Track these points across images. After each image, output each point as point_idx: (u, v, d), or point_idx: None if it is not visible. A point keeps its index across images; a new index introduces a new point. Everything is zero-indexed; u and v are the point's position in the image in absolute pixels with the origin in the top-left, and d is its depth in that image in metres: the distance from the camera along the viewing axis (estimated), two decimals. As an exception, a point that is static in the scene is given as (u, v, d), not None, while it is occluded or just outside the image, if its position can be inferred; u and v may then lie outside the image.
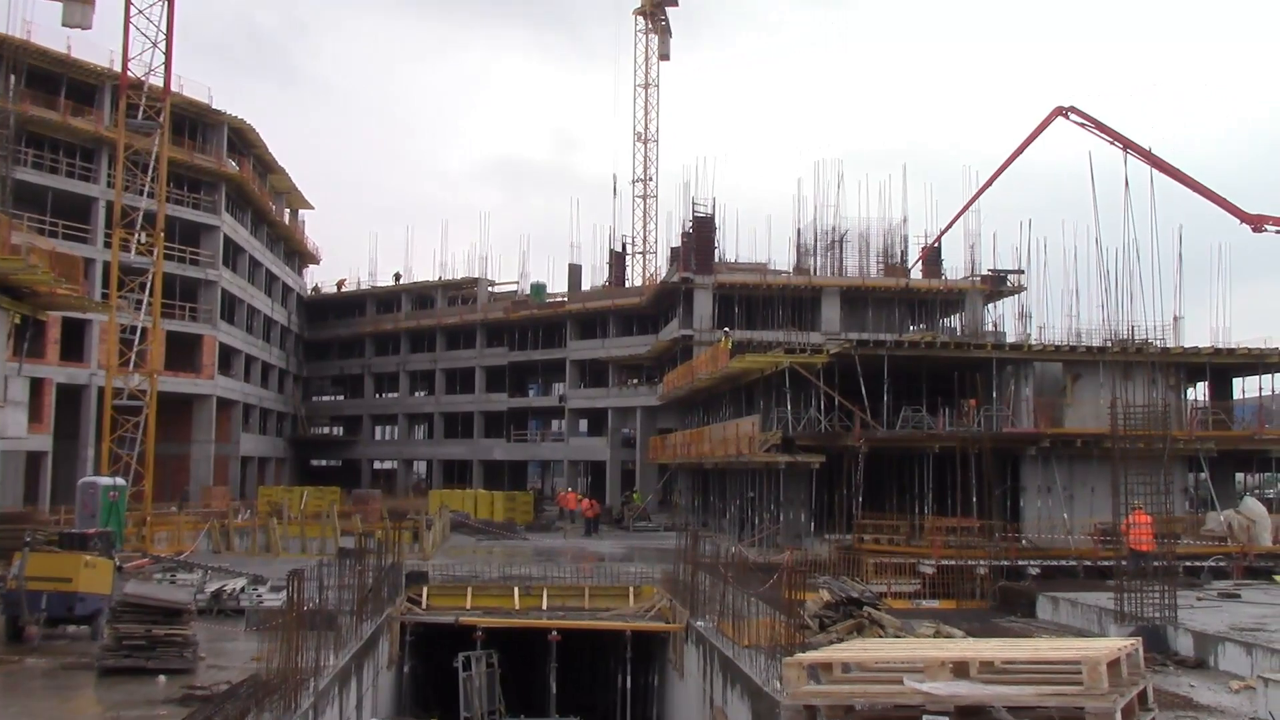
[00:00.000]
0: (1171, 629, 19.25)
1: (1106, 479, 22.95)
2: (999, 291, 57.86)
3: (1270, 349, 39.43)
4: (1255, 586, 25.99)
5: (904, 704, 8.72)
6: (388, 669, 24.47)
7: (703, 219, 56.02)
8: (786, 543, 35.19)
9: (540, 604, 28.22)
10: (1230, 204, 44.72)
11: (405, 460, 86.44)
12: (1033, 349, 40.02)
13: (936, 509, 35.61)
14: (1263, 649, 16.64)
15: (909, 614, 23.65)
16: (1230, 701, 14.93)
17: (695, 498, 55.53)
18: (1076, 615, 22.81)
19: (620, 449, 68.60)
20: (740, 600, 20.51)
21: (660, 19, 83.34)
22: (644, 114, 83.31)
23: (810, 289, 55.59)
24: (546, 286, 78.04)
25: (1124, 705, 8.44)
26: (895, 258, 59.17)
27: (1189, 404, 40.98)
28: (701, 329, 54.51)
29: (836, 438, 36.54)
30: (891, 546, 32.16)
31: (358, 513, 45.70)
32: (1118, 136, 45.37)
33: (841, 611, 20.26)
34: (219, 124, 65.54)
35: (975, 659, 9.09)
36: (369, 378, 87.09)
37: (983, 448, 33.94)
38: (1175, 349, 40.22)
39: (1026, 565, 29.25)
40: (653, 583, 28.99)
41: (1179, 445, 32.69)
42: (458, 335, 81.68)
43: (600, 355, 70.54)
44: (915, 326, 58.79)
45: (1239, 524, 31.97)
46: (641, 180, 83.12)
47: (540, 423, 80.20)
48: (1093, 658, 8.56)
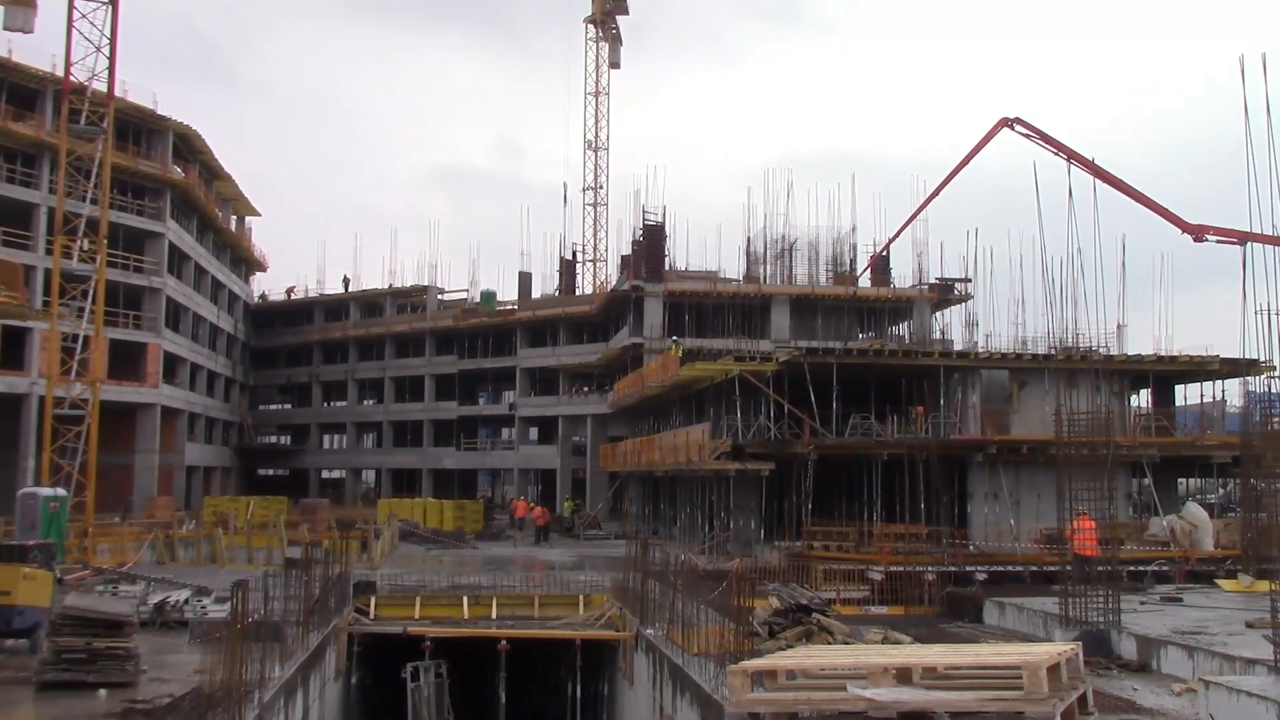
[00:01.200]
0: (1115, 633, 19.46)
1: (1052, 485, 23.17)
2: (947, 300, 58.38)
3: (1211, 357, 40.04)
4: (1197, 590, 26.34)
5: (847, 710, 8.75)
6: (335, 680, 24.20)
7: (653, 227, 56.08)
8: (736, 550, 35.24)
9: (490, 613, 28.00)
10: (1172, 214, 45.41)
11: (354, 469, 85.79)
12: (979, 357, 40.43)
13: (885, 516, 35.82)
14: (1204, 652, 16.86)
15: (858, 620, 23.74)
16: (1172, 704, 15.10)
17: (646, 505, 55.51)
18: (1022, 620, 23.01)
19: (571, 457, 68.50)
20: (690, 608, 20.45)
21: (611, 27, 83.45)
22: (594, 122, 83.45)
23: (760, 297, 55.81)
24: (496, 294, 77.85)
25: (1063, 709, 8.52)
26: (844, 266, 59.55)
27: (1132, 411, 41.54)
28: (652, 337, 54.52)
29: (786, 445, 36.67)
30: (841, 553, 32.29)
31: (305, 522, 45.23)
32: (1061, 147, 45.95)
33: (791, 618, 20.29)
34: (164, 130, 64.77)
35: (918, 665, 9.14)
36: (317, 386, 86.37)
37: (930, 455, 34.20)
38: (1119, 357, 40.73)
39: (974, 571, 29.47)
40: (603, 591, 28.89)
41: (1123, 451, 33.10)
42: (407, 343, 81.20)
43: (551, 363, 70.40)
44: (864, 335, 59.16)
45: (1181, 529, 32.43)
46: (592, 188, 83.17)
47: (490, 431, 79.91)
48: (1033, 663, 8.63)
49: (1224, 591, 26.14)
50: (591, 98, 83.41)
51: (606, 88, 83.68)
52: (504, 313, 75.50)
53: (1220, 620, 20.30)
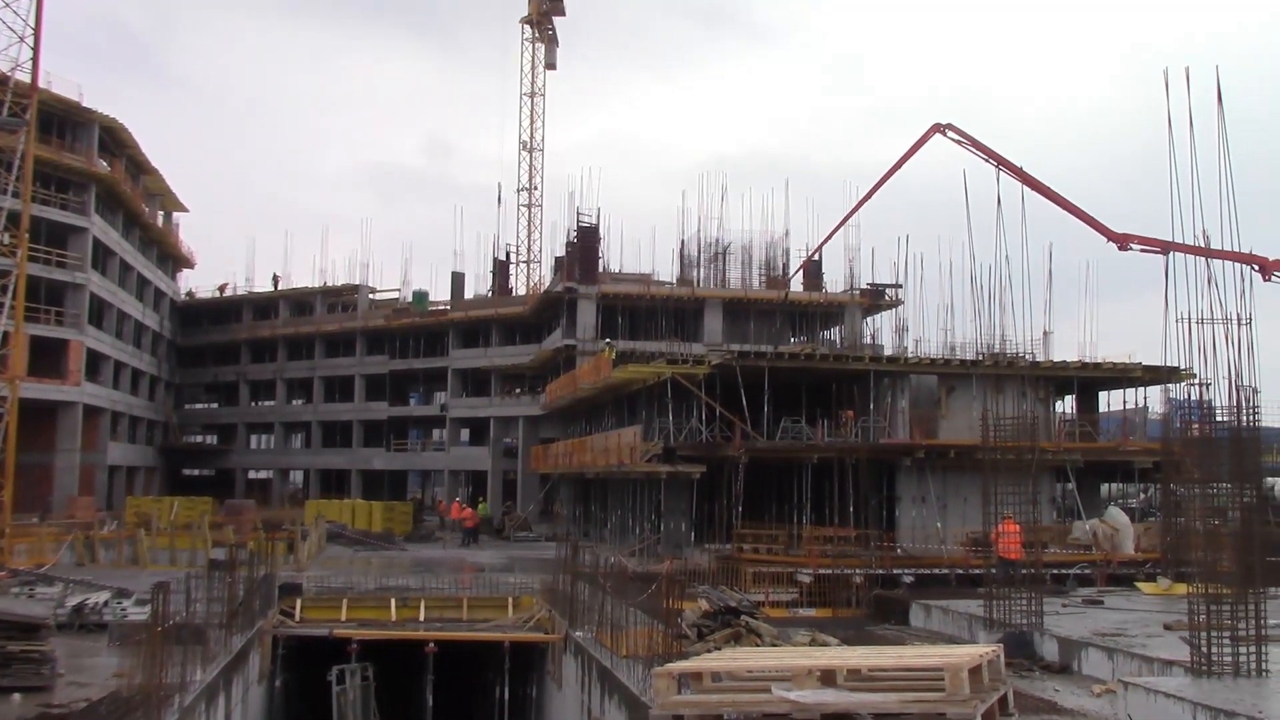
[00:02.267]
0: (1038, 635, 19.74)
1: (979, 489, 23.45)
2: (877, 305, 58.96)
3: (1134, 364, 40.80)
4: (1118, 593, 26.80)
5: (772, 712, 8.78)
6: (258, 683, 23.86)
7: (587, 229, 56.03)
8: (667, 552, 35.32)
9: (418, 615, 27.75)
10: (1098, 223, 46.16)
11: (281, 470, 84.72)
12: (909, 362, 40.85)
13: (815, 519, 36.07)
14: (1123, 653, 17.17)
15: (786, 622, 23.88)
16: (1092, 705, 15.35)
17: (577, 508, 55.41)
18: (948, 622, 23.27)
19: (502, 459, 68.21)
20: (619, 610, 20.46)
21: (547, 28, 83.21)
22: (530, 123, 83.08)
23: (693, 300, 55.98)
24: (429, 294, 77.28)
25: (984, 710, 8.61)
26: (777, 270, 59.90)
27: (1057, 416, 42.20)
28: (585, 339, 54.45)
29: (717, 448, 36.80)
30: (770, 556, 32.46)
31: (230, 523, 44.52)
32: (992, 154, 46.55)
33: (719, 621, 20.32)
34: (90, 123, 63.47)
35: (842, 667, 9.20)
36: (244, 385, 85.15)
37: (860, 458, 34.48)
38: (1045, 363, 41.36)
39: (901, 574, 29.79)
40: (532, 593, 28.77)
41: (1047, 456, 33.59)
42: (337, 342, 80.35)
43: (483, 364, 70.05)
44: (796, 339, 59.59)
45: (1103, 533, 33.01)
46: (527, 189, 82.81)
47: (421, 432, 79.34)
48: (954, 665, 8.72)
49: (1143, 594, 26.63)
50: (527, 99, 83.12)
51: (542, 89, 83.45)
52: (436, 313, 74.98)
53: (1139, 623, 20.67)
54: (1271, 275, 37.39)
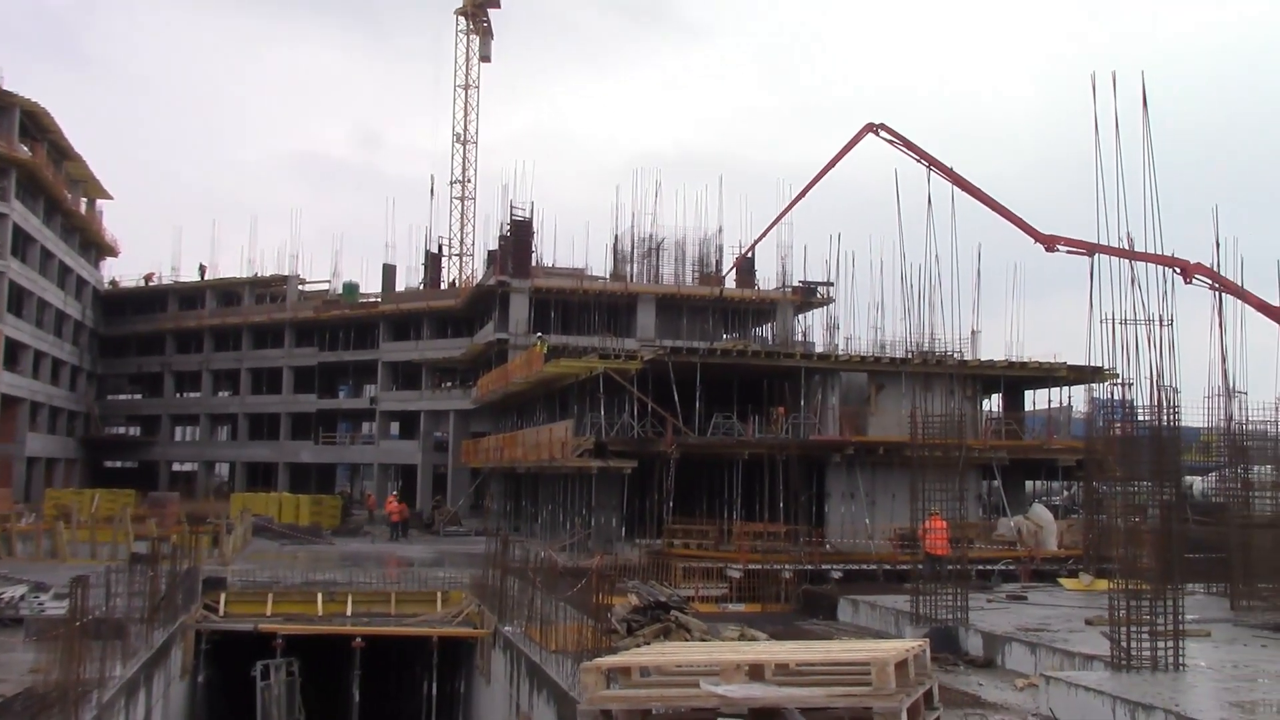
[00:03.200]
0: (963, 630, 19.98)
1: (907, 485, 23.71)
2: (809, 302, 59.38)
3: (1059, 363, 41.45)
4: (1041, 589, 27.21)
5: (699, 707, 8.79)
6: (181, 679, 23.47)
7: (521, 222, 55.81)
8: (598, 547, 35.27)
9: (345, 610, 27.44)
10: (1026, 224, 46.77)
11: (207, 462, 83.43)
12: (839, 359, 41.15)
13: (745, 514, 36.22)
14: (1046, 648, 17.43)
15: (716, 617, 23.96)
16: (1015, 699, 15.56)
17: (508, 502, 55.21)
18: (875, 617, 23.49)
19: (432, 453, 67.78)
20: (549, 605, 20.42)
21: (482, 20, 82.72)
22: (464, 115, 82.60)
23: (626, 295, 55.99)
24: (359, 286, 76.59)
25: (910, 705, 8.68)
26: (710, 267, 60.14)
27: (984, 414, 42.75)
28: (517, 333, 54.25)
29: (649, 443, 36.81)
30: (701, 551, 32.56)
31: (154, 516, 43.73)
32: (923, 154, 47.02)
33: (649, 615, 20.38)
34: (10, 106, 62.02)
35: (770, 662, 9.23)
36: (169, 376, 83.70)
37: (790, 455, 34.71)
38: (972, 362, 41.85)
39: (830, 569, 30.00)
40: (461, 588, 28.59)
41: (974, 454, 34.06)
42: (265, 334, 79.30)
43: (414, 357, 69.54)
44: (728, 335, 59.80)
45: (1028, 529, 33.54)
46: (460, 182, 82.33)
47: (350, 425, 78.55)
48: (881, 659, 8.78)
49: (1066, 590, 27.07)
50: (461, 90, 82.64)
51: (477, 81, 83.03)
52: (367, 305, 74.32)
53: (1062, 618, 20.99)
54: (1193, 278, 38.12)
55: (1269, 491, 24.47)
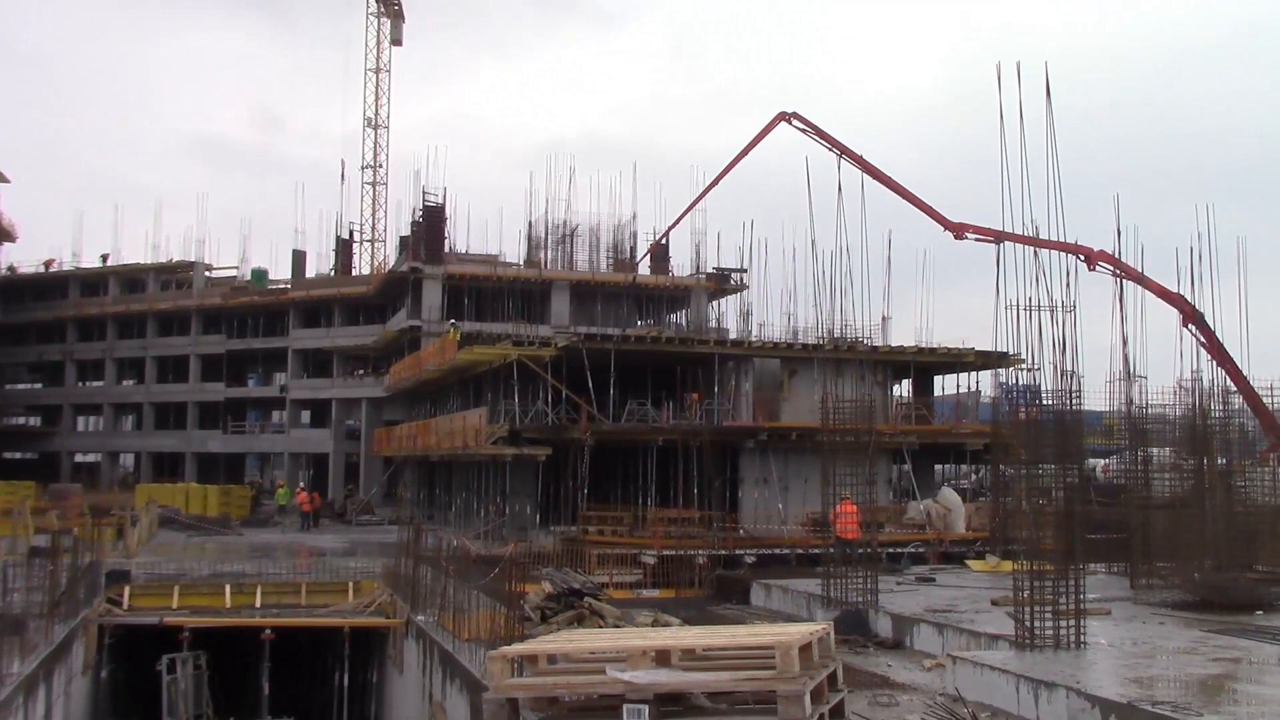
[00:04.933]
0: (873, 612, 20.24)
1: (819, 470, 23.96)
2: (723, 289, 59.67)
3: (967, 349, 42.16)
4: (949, 571, 27.67)
5: (606, 693, 8.78)
6: (83, 675, 22.94)
7: (433, 208, 55.22)
8: (512, 535, 35.13)
9: (254, 602, 27.08)
10: (936, 212, 47.29)
11: (110, 453, 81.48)
12: (752, 346, 41.45)
13: (659, 500, 36.35)
14: (953, 629, 17.73)
15: (630, 603, 23.99)
16: (923, 679, 15.80)
17: (421, 490, 54.82)
18: (787, 601, 23.69)
19: (344, 441, 66.95)
20: (462, 593, 20.29)
21: (393, 3, 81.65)
22: (375, 99, 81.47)
23: (540, 282, 55.76)
24: (269, 273, 75.24)
25: (813, 687, 8.76)
26: (625, 253, 60.11)
27: (894, 400, 43.36)
28: (430, 320, 53.75)
29: (563, 430, 36.76)
30: (615, 538, 32.59)
31: (54, 509, 42.55)
32: (835, 143, 47.31)
33: (563, 603, 20.33)
34: (-100, 85, 59.86)
35: (677, 647, 9.25)
36: (71, 365, 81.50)
37: (704, 441, 34.90)
38: (883, 348, 42.43)
39: (743, 554, 30.21)
40: (374, 578, 28.34)
41: (884, 439, 34.50)
42: (171, 321, 77.56)
43: (325, 345, 68.57)
44: (643, 322, 59.88)
45: (937, 512, 34.09)
46: (371, 167, 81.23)
47: (260, 414, 77.17)
48: (785, 643, 8.84)
49: (973, 571, 27.56)
50: (372, 74, 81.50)
51: (388, 65, 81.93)
52: (276, 292, 73.05)
53: (969, 599, 21.35)
54: (1096, 265, 38.89)
55: (1167, 473, 25.14)
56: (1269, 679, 12.92)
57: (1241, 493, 24.63)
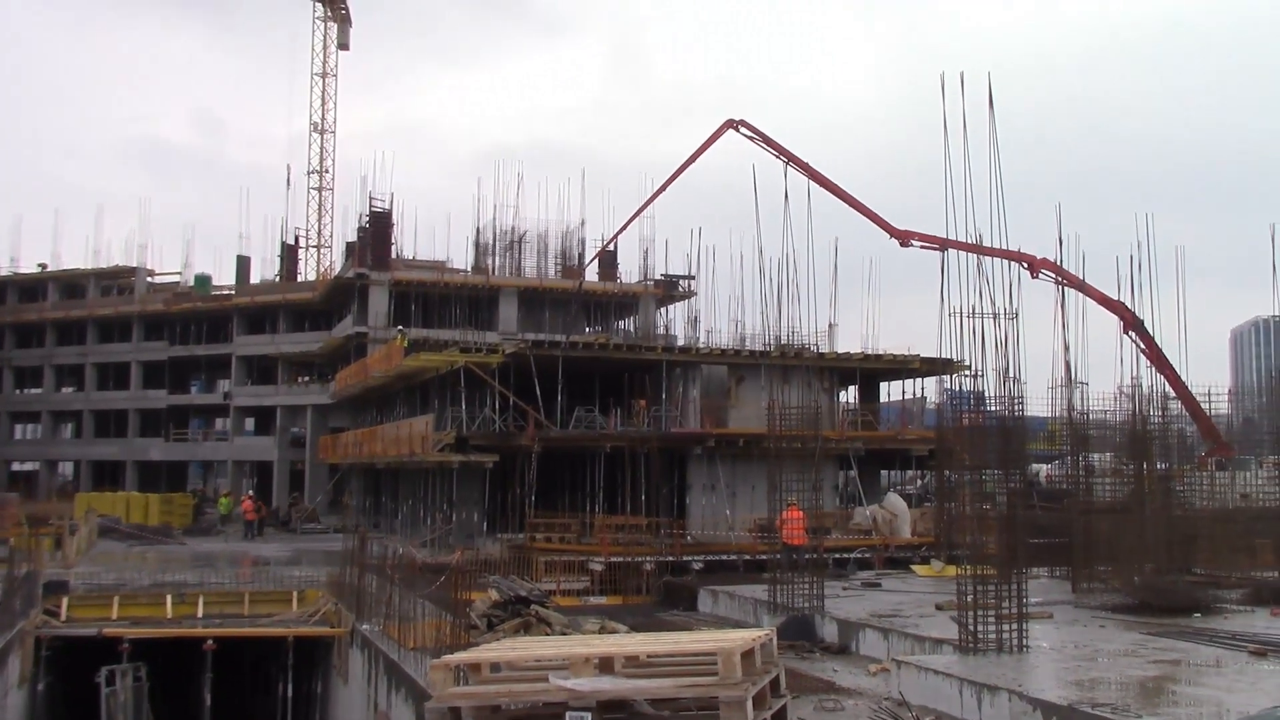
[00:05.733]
0: (819, 617, 20.32)
1: (766, 476, 24.05)
2: (671, 296, 59.73)
3: (912, 356, 42.50)
4: (895, 576, 27.86)
5: (549, 701, 8.74)
6: (19, 688, 22.53)
7: (380, 214, 54.84)
8: (459, 543, 34.93)
9: (196, 612, 26.68)
10: (881, 219, 47.68)
11: (49, 461, 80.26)
12: (700, 352, 41.54)
13: (607, 507, 36.28)
14: (898, 634, 17.84)
15: (577, 611, 23.92)
16: (868, 683, 15.88)
17: (367, 498, 54.40)
18: (734, 607, 23.74)
19: (289, 449, 66.33)
20: (408, 602, 20.15)
21: (340, 7, 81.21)
22: (321, 104, 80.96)
23: (488, 289, 55.51)
24: (212, 278, 74.32)
25: (756, 693, 8.77)
26: (573, 260, 60.01)
27: (841, 406, 43.59)
28: (377, 326, 53.39)
29: (510, 437, 36.62)
30: (562, 545, 32.49)
31: (-10, 519, 41.91)
32: (782, 150, 47.56)
33: (510, 610, 20.23)
34: None
35: (620, 654, 9.23)
36: (8, 371, 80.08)
37: (651, 448, 34.88)
38: (829, 354, 42.64)
39: (691, 560, 30.22)
40: (318, 586, 28.06)
41: (831, 445, 34.65)
42: (112, 327, 76.45)
43: (270, 351, 67.90)
44: (591, 328, 59.80)
45: (882, 518, 34.27)
46: (318, 172, 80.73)
47: (203, 421, 76.32)
48: (727, 649, 8.86)
49: (918, 576, 27.76)
50: (319, 79, 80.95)
51: (335, 69, 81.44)
52: (220, 298, 72.23)
53: (914, 604, 21.50)
54: (1039, 272, 39.39)
55: (1108, 478, 25.46)
56: (1206, 681, 13.10)
57: (1180, 497, 25.01)
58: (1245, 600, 20.95)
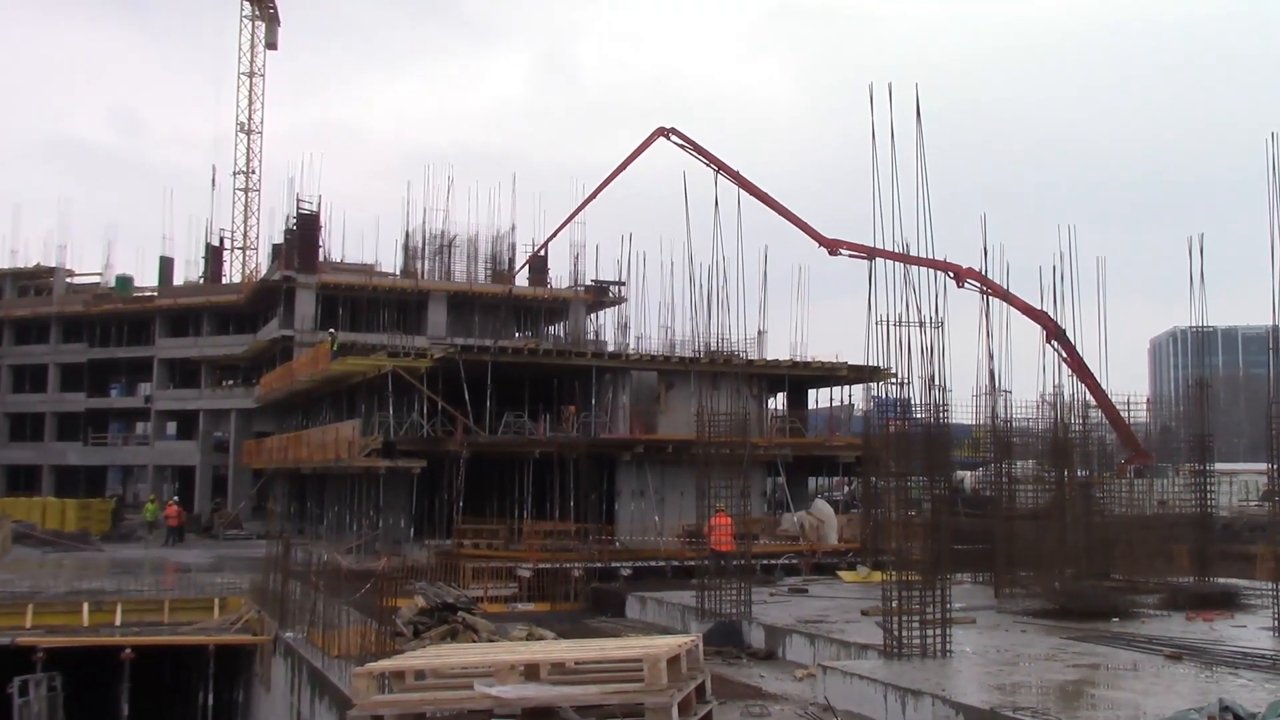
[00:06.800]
0: (746, 623, 20.40)
1: (695, 483, 24.13)
2: (601, 302, 59.68)
3: (840, 364, 42.84)
4: (822, 582, 28.08)
5: (474, 709, 8.68)
6: (-75, 700, 21.90)
7: (308, 216, 54.21)
8: (386, 549, 34.58)
9: (114, 620, 26.24)
10: (810, 228, 48.20)
11: (-38, 466, 78.16)
12: (630, 358, 41.55)
13: (536, 513, 36.15)
14: (824, 639, 17.96)
15: (505, 617, 23.84)
16: (794, 689, 15.96)
17: (292, 504, 53.72)
18: (662, 614, 23.76)
19: (212, 453, 65.29)
20: (332, 609, 19.90)
21: (268, 7, 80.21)
22: (248, 104, 79.90)
23: (417, 293, 55.14)
24: (134, 280, 73.00)
25: (681, 699, 8.78)
26: (503, 265, 59.80)
27: (769, 413, 43.84)
28: (304, 329, 52.71)
29: (439, 443, 36.37)
30: (490, 551, 32.33)
31: (-101, 525, 40.75)
32: (712, 158, 47.90)
33: (436, 618, 20.06)
34: None
35: (546, 661, 9.19)
36: (-80, 373, 78.01)
37: (581, 453, 34.83)
38: (758, 361, 42.86)
39: (619, 567, 30.24)
40: (241, 594, 27.67)
41: (759, 451, 34.86)
42: (29, 329, 74.72)
43: (193, 354, 66.84)
44: (521, 333, 59.60)
45: (810, 524, 34.53)
46: (244, 173, 79.65)
47: (123, 425, 74.83)
48: (653, 655, 8.86)
49: (845, 582, 28.00)
50: (245, 78, 79.85)
51: (262, 69, 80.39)
52: (142, 299, 70.92)
53: (840, 609, 21.67)
54: (964, 282, 40.00)
55: (1030, 485, 25.87)
56: (1124, 684, 13.35)
57: (1100, 504, 25.48)
58: (1162, 605, 21.40)
